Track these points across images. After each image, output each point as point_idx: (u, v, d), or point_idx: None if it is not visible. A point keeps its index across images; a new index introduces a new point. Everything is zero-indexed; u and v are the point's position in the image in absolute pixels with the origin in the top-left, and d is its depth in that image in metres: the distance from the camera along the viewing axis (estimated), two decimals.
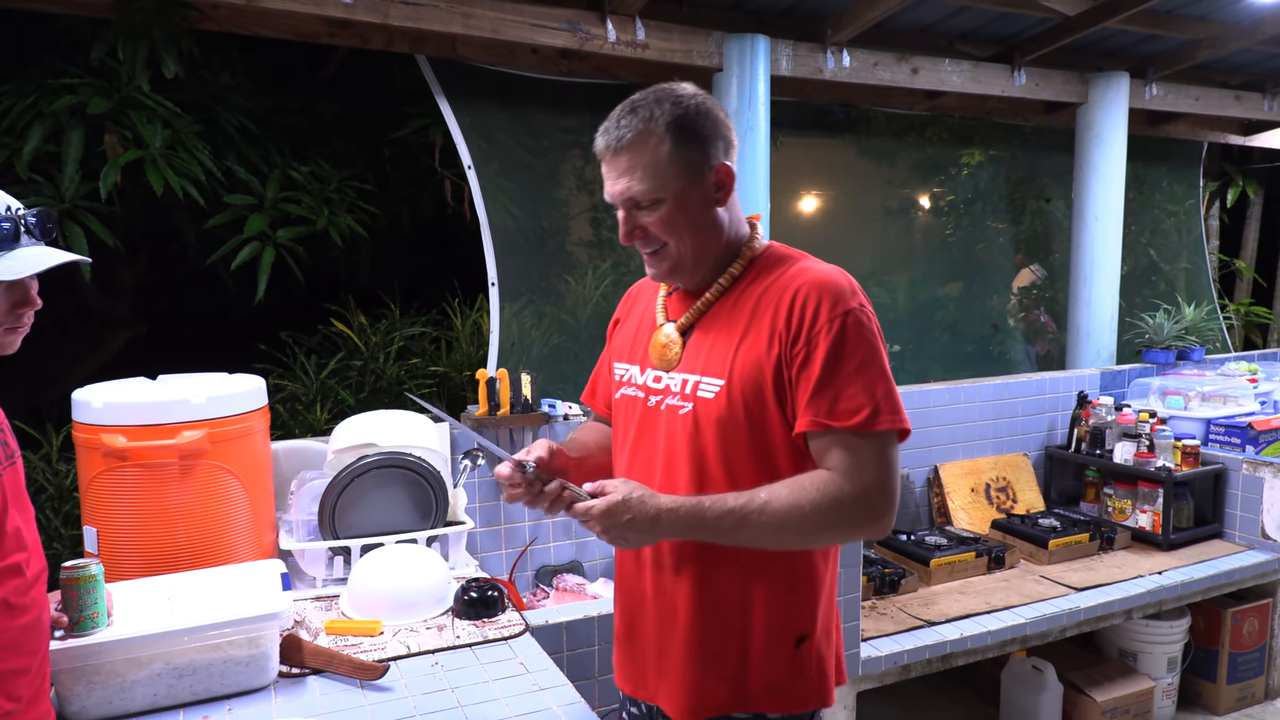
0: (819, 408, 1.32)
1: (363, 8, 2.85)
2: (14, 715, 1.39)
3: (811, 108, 4.35)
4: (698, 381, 1.41)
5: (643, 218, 1.40)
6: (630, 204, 1.40)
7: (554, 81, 3.53)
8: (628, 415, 1.53)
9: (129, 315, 4.39)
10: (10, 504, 1.40)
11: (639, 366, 1.53)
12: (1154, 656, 3.30)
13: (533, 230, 3.58)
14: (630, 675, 1.52)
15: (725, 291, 1.44)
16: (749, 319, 1.39)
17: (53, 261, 1.34)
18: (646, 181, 1.38)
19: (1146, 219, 5.39)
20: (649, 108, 1.38)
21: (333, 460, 2.38)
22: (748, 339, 1.38)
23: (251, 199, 3.46)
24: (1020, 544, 3.36)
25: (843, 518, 1.31)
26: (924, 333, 4.82)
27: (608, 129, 1.40)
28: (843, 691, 2.60)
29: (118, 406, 2.03)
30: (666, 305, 1.52)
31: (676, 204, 1.38)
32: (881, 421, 1.30)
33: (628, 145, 1.37)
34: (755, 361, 1.36)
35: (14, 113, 2.92)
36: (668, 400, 1.45)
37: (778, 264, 1.44)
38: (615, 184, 1.40)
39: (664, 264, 1.43)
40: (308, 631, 1.91)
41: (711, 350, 1.42)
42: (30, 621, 1.43)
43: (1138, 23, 3.96)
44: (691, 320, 1.46)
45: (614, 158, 1.39)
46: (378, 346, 4.08)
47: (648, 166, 1.37)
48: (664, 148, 1.37)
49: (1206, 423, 3.73)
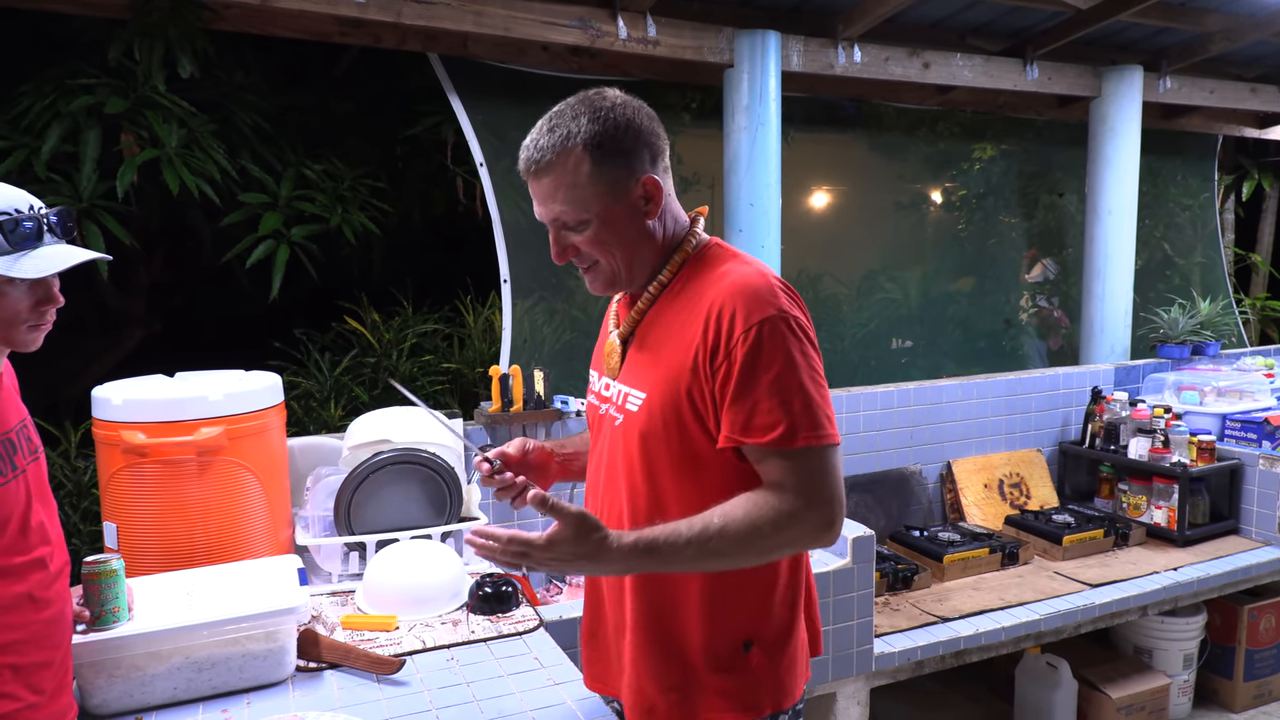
0: (735, 423, 1.28)
1: (375, 7, 2.86)
2: (38, 708, 1.41)
3: (822, 103, 4.34)
4: (627, 394, 1.41)
5: (572, 237, 1.38)
6: (558, 225, 1.38)
7: (565, 78, 3.54)
8: (591, 421, 1.56)
9: (145, 313, 4.43)
10: (34, 498, 1.42)
11: (597, 373, 1.55)
12: (1170, 653, 3.28)
13: (544, 227, 3.58)
14: (596, 674, 1.55)
15: (655, 299, 1.42)
16: (674, 331, 1.37)
17: (76, 259, 1.36)
18: (570, 204, 1.35)
19: (1161, 213, 5.36)
20: (565, 125, 1.34)
21: (348, 456, 2.40)
22: (668, 352, 1.36)
23: (266, 197, 3.49)
24: (1034, 540, 3.35)
25: (801, 532, 1.28)
26: (936, 328, 4.81)
27: (527, 148, 1.37)
28: (856, 687, 2.60)
29: (137, 403, 2.05)
30: (618, 311, 1.52)
31: (602, 223, 1.36)
32: (800, 439, 1.26)
33: (546, 167, 1.35)
34: (674, 376, 1.34)
35: (32, 113, 2.95)
36: (610, 409, 1.46)
37: (707, 268, 1.40)
38: (540, 207, 1.39)
39: (599, 280, 1.42)
40: (324, 626, 1.92)
41: (638, 362, 1.42)
42: (53, 615, 1.45)
43: (1151, 15, 3.93)
44: (629, 329, 1.45)
45: (535, 180, 1.37)
46: (391, 343, 4.10)
47: (569, 189, 1.34)
48: (584, 168, 1.33)
49: (1222, 418, 3.71)
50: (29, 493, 1.41)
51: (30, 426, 1.46)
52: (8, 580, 1.36)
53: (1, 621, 1.35)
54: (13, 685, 1.37)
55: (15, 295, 1.33)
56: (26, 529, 1.40)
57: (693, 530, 1.25)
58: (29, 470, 1.42)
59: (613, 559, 1.22)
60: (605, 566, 1.24)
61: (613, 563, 1.23)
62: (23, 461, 1.40)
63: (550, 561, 1.21)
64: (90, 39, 3.22)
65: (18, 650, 1.38)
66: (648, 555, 1.23)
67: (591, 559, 1.21)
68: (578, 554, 1.20)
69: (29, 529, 1.40)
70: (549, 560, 1.21)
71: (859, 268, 4.70)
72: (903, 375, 4.50)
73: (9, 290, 1.33)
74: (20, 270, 1.32)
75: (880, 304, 4.72)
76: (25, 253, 1.34)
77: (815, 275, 4.54)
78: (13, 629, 1.36)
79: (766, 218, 3.51)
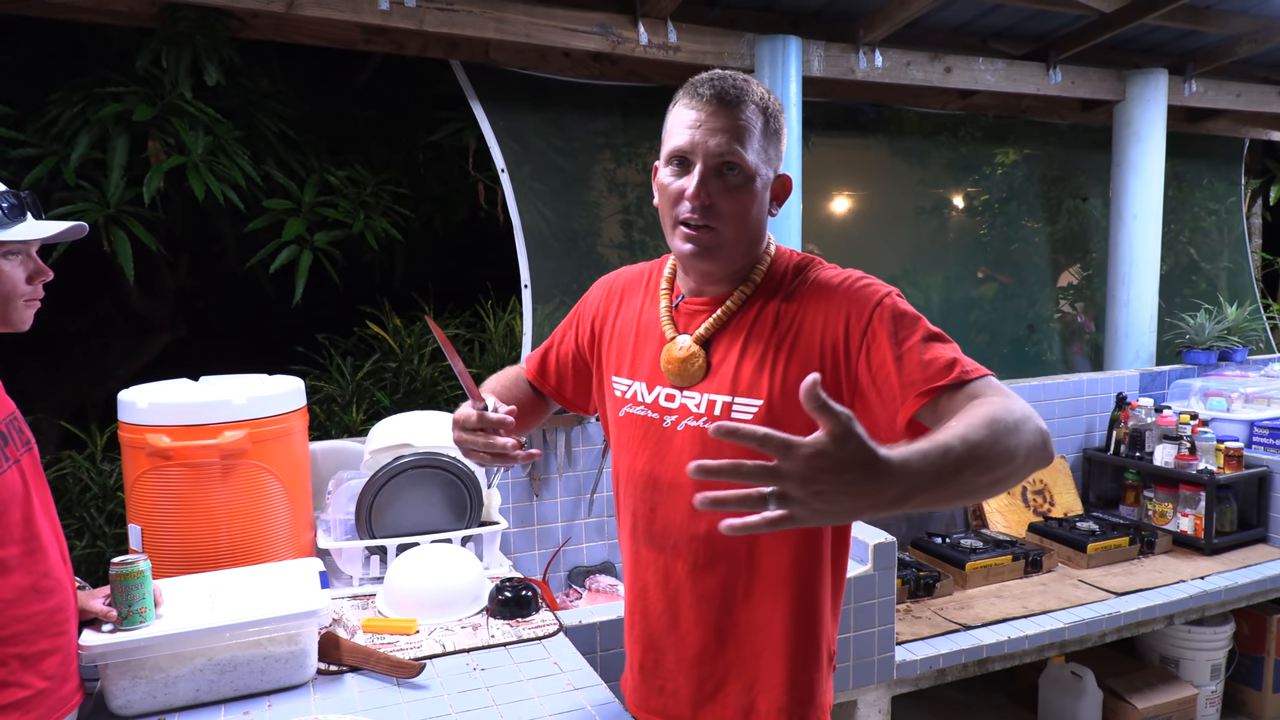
0: (911, 381, 1.18)
1: (399, 15, 2.88)
2: (47, 694, 1.47)
3: (843, 108, 4.33)
4: (728, 403, 1.29)
5: (719, 185, 1.26)
6: (721, 166, 1.26)
7: (585, 85, 3.55)
8: (634, 435, 1.40)
9: (170, 317, 4.48)
10: (32, 489, 1.47)
11: (645, 383, 1.39)
12: (1197, 663, 3.24)
13: (564, 232, 3.60)
14: (655, 707, 1.46)
15: (747, 300, 1.34)
16: (782, 333, 1.29)
17: (63, 227, 1.53)
18: (749, 150, 1.25)
19: (1186, 217, 5.29)
20: (747, 82, 1.28)
21: (369, 460, 2.41)
22: (784, 356, 1.28)
23: (289, 203, 3.52)
24: (1058, 547, 3.32)
25: (1036, 428, 1.07)
26: (958, 333, 4.76)
27: (714, 82, 1.26)
28: (878, 694, 2.58)
29: (162, 407, 2.07)
30: (674, 317, 1.39)
31: (753, 190, 1.27)
32: (978, 371, 1.18)
33: (737, 103, 1.24)
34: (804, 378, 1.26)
35: (62, 121, 2.99)
36: (686, 421, 1.33)
37: (796, 272, 1.35)
38: (713, 137, 1.24)
39: (703, 244, 1.28)
40: (345, 629, 1.94)
41: (741, 367, 1.31)
42: (56, 604, 1.50)
43: (1176, 18, 3.89)
44: (712, 331, 1.34)
45: (721, 110, 1.24)
46: (412, 348, 4.12)
47: (752, 135, 1.25)
48: (761, 125, 1.27)
49: (1250, 424, 3.66)
50: (25, 482, 1.46)
51: (20, 419, 1.53)
52: (12, 573, 1.42)
53: (8, 614, 1.41)
54: (21, 674, 1.43)
55: (11, 269, 1.48)
56: (29, 518, 1.45)
57: (958, 433, 0.98)
58: (23, 460, 1.48)
59: (890, 474, 0.87)
60: (877, 488, 0.87)
61: (890, 480, 0.88)
62: (15, 452, 1.46)
63: (810, 483, 0.84)
64: (119, 48, 3.27)
65: (24, 640, 1.44)
66: (937, 468, 0.92)
67: (869, 475, 0.86)
68: (849, 464, 0.84)
69: (31, 519, 1.45)
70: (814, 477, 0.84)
71: (880, 272, 4.60)
72: None
73: (5, 266, 1.47)
74: (18, 234, 1.48)
75: None
76: (16, 225, 1.49)
77: None
78: (18, 621, 1.42)
79: (787, 223, 3.50)
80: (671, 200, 1.30)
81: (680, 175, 1.29)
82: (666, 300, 1.41)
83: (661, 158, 1.33)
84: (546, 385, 1.64)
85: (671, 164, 1.30)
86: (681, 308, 1.39)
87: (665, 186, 1.31)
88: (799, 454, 0.84)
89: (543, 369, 1.64)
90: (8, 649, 1.41)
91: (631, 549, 1.46)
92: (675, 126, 1.29)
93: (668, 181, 1.30)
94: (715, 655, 1.38)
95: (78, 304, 4.55)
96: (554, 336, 1.63)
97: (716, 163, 1.25)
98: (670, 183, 1.30)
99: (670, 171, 1.30)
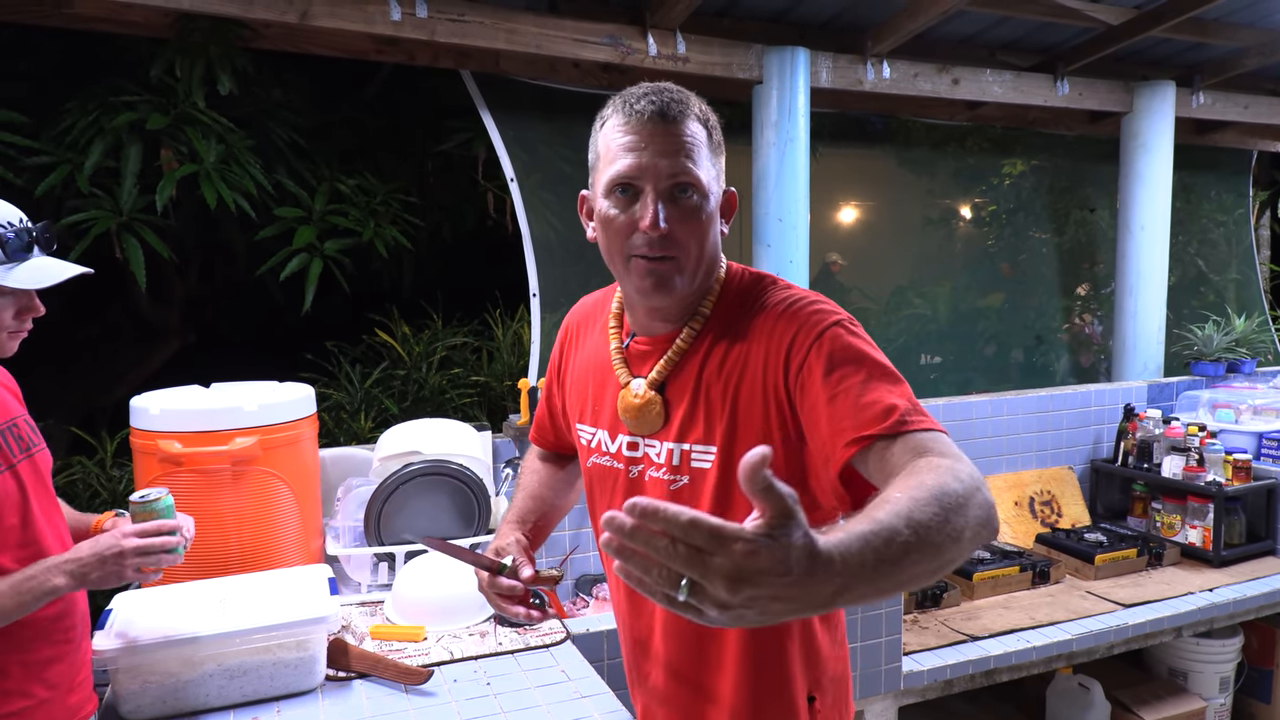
0: (840, 429, 1.06)
1: (410, 25, 2.91)
2: (51, 704, 1.44)
3: (851, 119, 4.34)
4: (686, 451, 1.21)
5: (673, 213, 1.15)
6: (674, 189, 1.15)
7: (594, 95, 3.57)
8: (605, 485, 1.33)
9: (180, 324, 4.51)
10: (31, 494, 1.46)
11: (608, 431, 1.31)
12: (1205, 676, 3.22)
13: (573, 241, 3.62)
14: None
15: (697, 336, 1.23)
16: (729, 371, 1.19)
17: (68, 273, 1.45)
18: (700, 168, 1.15)
19: (1194, 229, 5.29)
20: (683, 93, 1.17)
21: (378, 468, 2.42)
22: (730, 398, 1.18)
23: (300, 211, 3.54)
24: (1065, 559, 3.31)
25: (984, 499, 0.94)
26: (966, 344, 4.78)
27: (651, 97, 1.15)
28: (884, 705, 2.58)
29: (173, 413, 2.08)
30: (627, 358, 1.29)
31: (709, 210, 1.17)
32: (917, 422, 1.04)
33: (680, 118, 1.14)
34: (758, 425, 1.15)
35: (76, 129, 3.02)
36: (650, 472, 1.25)
37: (746, 299, 1.23)
38: (663, 158, 1.13)
39: (666, 275, 1.17)
40: (353, 636, 1.94)
41: (694, 414, 1.21)
42: (59, 611, 1.48)
43: (1184, 31, 3.90)
44: (665, 374, 1.24)
45: (665, 127, 1.14)
46: (420, 356, 4.14)
47: (700, 151, 1.15)
48: (706, 139, 1.17)
49: (1259, 436, 3.65)
50: (22, 487, 1.44)
51: (21, 425, 1.50)
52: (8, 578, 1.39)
53: None
54: (23, 681, 1.41)
55: (2, 304, 1.42)
56: (27, 524, 1.43)
57: (902, 512, 0.83)
58: (20, 466, 1.45)
59: (830, 572, 0.73)
60: (813, 589, 0.72)
61: (828, 579, 0.73)
62: (10, 458, 1.44)
63: (738, 588, 0.69)
64: (133, 57, 3.31)
65: (25, 646, 1.42)
66: (878, 557, 0.77)
67: (808, 575, 0.71)
68: (787, 566, 0.70)
69: (30, 523, 1.43)
70: (745, 580, 0.69)
71: (888, 283, 4.69)
72: (932, 391, 4.47)
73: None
74: (15, 280, 1.40)
75: (909, 319, 4.70)
76: (17, 264, 1.41)
77: (844, 290, 4.54)
78: (19, 625, 1.40)
79: (795, 233, 3.51)
80: (621, 234, 1.17)
81: (628, 204, 1.16)
82: (617, 340, 1.32)
83: (598, 187, 1.20)
84: (562, 447, 1.60)
85: (614, 194, 1.17)
86: (632, 348, 1.30)
87: (611, 219, 1.18)
88: (731, 550, 0.68)
89: (548, 437, 1.61)
90: (8, 654, 1.40)
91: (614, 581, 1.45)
92: (612, 150, 1.17)
93: (613, 213, 1.17)
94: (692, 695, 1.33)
95: (88, 310, 4.58)
96: (543, 393, 1.60)
97: (669, 185, 1.14)
98: (616, 214, 1.17)
99: (613, 202, 1.17)
